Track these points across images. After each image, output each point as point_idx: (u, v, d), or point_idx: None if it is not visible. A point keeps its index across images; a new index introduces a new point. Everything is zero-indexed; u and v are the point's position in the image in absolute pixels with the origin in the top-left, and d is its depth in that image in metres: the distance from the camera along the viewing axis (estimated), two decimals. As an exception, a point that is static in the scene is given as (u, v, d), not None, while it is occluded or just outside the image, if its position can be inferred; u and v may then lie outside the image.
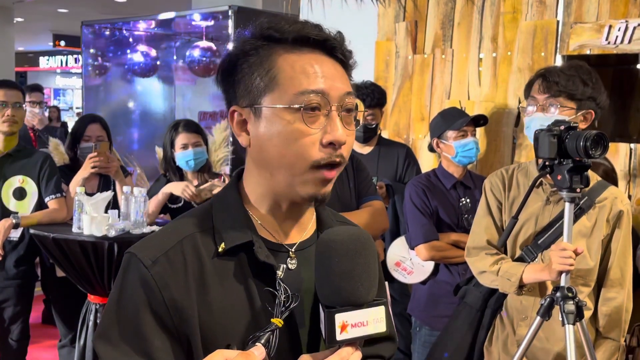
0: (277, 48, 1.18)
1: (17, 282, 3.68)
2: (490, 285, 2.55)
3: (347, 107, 1.17)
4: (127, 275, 1.16)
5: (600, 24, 3.46)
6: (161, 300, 1.12)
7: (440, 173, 3.40)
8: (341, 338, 1.02)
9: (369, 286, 1.05)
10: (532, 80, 2.54)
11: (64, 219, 3.73)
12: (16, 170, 3.69)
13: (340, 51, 1.22)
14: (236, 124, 1.22)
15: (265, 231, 1.22)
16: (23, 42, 20.54)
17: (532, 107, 2.49)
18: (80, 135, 4.02)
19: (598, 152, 2.14)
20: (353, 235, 1.07)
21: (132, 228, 3.51)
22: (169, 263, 1.14)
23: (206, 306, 1.14)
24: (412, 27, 4.23)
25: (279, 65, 1.16)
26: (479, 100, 3.97)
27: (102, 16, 9.35)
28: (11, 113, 3.59)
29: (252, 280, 1.17)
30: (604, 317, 2.47)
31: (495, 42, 3.89)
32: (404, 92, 4.29)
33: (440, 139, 3.34)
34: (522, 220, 2.48)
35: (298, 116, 1.13)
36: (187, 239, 1.18)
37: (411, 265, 3.40)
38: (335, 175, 1.17)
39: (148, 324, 1.12)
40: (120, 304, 1.15)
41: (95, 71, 7.71)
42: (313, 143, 1.14)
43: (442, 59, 4.11)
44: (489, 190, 2.61)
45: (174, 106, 7.95)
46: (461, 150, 3.27)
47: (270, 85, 1.16)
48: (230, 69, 1.21)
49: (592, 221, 2.45)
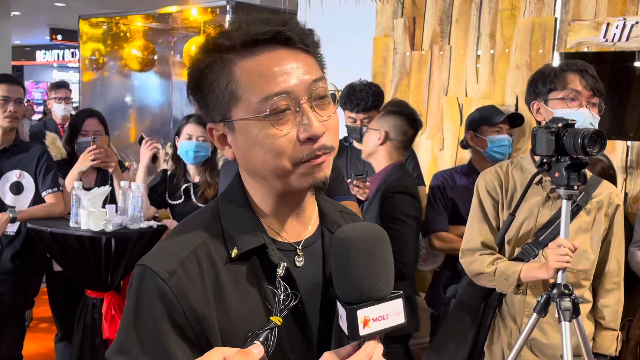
0: (231, 57, 1.14)
1: (13, 277, 3.68)
2: (487, 286, 2.55)
3: (318, 95, 1.13)
4: (142, 288, 1.13)
5: (598, 22, 3.46)
6: (181, 312, 1.10)
7: (468, 167, 3.48)
8: (364, 333, 1.03)
9: (387, 280, 1.06)
10: (561, 70, 2.48)
11: (61, 214, 3.73)
12: (13, 165, 3.68)
13: (298, 40, 1.15)
14: (217, 140, 1.21)
15: (273, 231, 1.21)
16: (20, 35, 20.46)
17: (576, 101, 2.43)
18: (77, 130, 4.01)
19: (596, 149, 2.14)
20: (369, 231, 1.07)
21: (130, 223, 3.51)
22: (185, 274, 1.12)
23: (224, 313, 1.13)
24: (410, 23, 4.23)
25: (237, 77, 1.13)
26: (476, 97, 3.97)
27: (100, 10, 9.32)
28: (13, 109, 3.58)
29: (267, 284, 1.16)
30: (605, 308, 2.51)
31: (493, 39, 3.90)
32: (402, 88, 4.29)
33: (476, 132, 3.39)
34: (522, 217, 2.48)
35: (267, 122, 1.10)
36: (201, 246, 1.16)
37: (425, 253, 3.48)
38: (325, 160, 1.13)
39: (169, 336, 1.10)
40: (138, 318, 1.12)
41: (92, 65, 7.70)
42: (290, 142, 1.11)
43: (440, 55, 4.11)
44: (483, 189, 2.59)
45: (170, 101, 7.94)
46: (495, 145, 3.33)
47: (233, 99, 1.13)
48: (195, 89, 1.19)
49: (592, 216, 2.47)
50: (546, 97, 2.48)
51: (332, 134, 1.15)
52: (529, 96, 2.57)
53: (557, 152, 2.21)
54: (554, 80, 2.46)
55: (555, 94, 2.46)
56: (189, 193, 3.81)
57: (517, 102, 3.78)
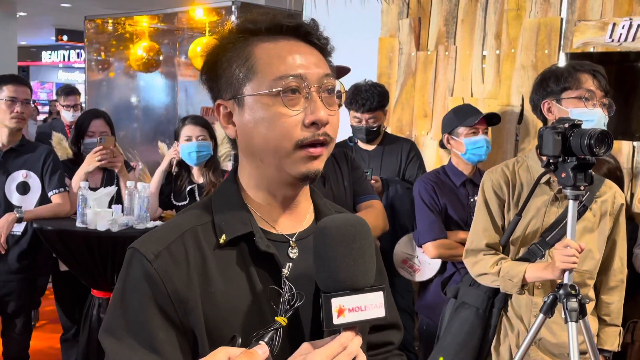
0: (253, 39, 1.21)
1: (19, 277, 3.69)
2: (491, 286, 2.55)
3: (326, 88, 1.19)
4: (130, 270, 1.17)
5: (604, 22, 3.46)
6: (165, 293, 1.14)
7: (450, 170, 3.38)
8: (338, 322, 1.03)
9: (364, 271, 1.06)
10: (574, 70, 2.49)
11: (67, 214, 3.74)
12: (20, 165, 3.69)
13: (315, 36, 1.23)
14: (222, 117, 1.25)
15: (265, 223, 1.24)
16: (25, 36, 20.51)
17: (590, 101, 2.45)
18: (84, 131, 4.03)
19: (602, 149, 2.14)
20: (348, 221, 1.09)
21: (136, 223, 3.52)
22: (171, 256, 1.16)
23: (209, 297, 1.16)
24: (416, 23, 4.23)
25: (256, 54, 1.19)
26: (482, 97, 3.97)
27: (105, 11, 9.34)
28: (20, 110, 3.60)
29: (254, 269, 1.19)
30: (609, 305, 2.53)
31: (498, 39, 3.89)
32: (407, 88, 4.29)
33: (451, 134, 3.32)
34: (529, 217, 2.48)
35: (278, 100, 1.16)
36: (188, 232, 1.19)
37: (418, 263, 3.40)
38: (321, 153, 1.18)
39: (153, 317, 1.13)
40: (125, 298, 1.16)
41: (97, 66, 7.72)
42: (296, 124, 1.16)
43: (446, 55, 4.11)
44: (490, 188, 2.58)
45: (176, 101, 7.95)
46: (471, 147, 3.25)
47: (249, 75, 1.19)
48: (212, 65, 1.25)
49: (598, 216, 2.49)
50: (559, 96, 2.48)
51: (333, 127, 1.20)
52: (537, 95, 2.56)
53: (564, 152, 2.21)
54: (568, 79, 2.46)
55: (569, 93, 2.47)
56: (194, 194, 3.81)
57: (523, 102, 3.77)
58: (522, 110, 3.79)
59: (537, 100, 2.56)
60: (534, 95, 2.59)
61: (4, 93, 3.60)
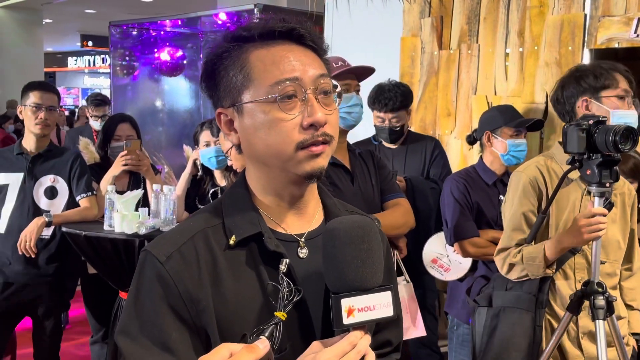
0: (247, 46, 1.23)
1: (49, 280, 3.74)
2: (520, 277, 2.49)
3: (323, 89, 1.21)
4: (143, 271, 1.21)
5: (629, 17, 3.42)
6: (177, 293, 1.17)
7: (481, 169, 3.35)
8: (348, 322, 1.05)
9: (373, 272, 1.08)
10: (610, 69, 2.49)
11: (95, 217, 3.78)
12: (47, 170, 3.74)
13: (309, 38, 1.25)
14: (224, 124, 1.28)
15: (274, 223, 1.27)
16: (51, 42, 20.80)
17: (625, 100, 2.47)
18: (110, 135, 4.08)
19: (627, 146, 2.13)
20: (356, 222, 1.10)
21: (163, 225, 3.55)
22: (182, 258, 1.19)
23: (221, 297, 1.19)
24: (438, 22, 4.22)
25: (251, 62, 1.21)
26: (505, 95, 3.95)
27: (129, 16, 9.44)
28: (44, 116, 3.64)
29: (264, 268, 1.22)
30: (630, 290, 2.58)
31: (521, 36, 3.87)
32: (430, 88, 4.29)
33: (494, 133, 3.27)
34: (564, 212, 2.46)
35: (276, 105, 1.18)
36: (199, 234, 1.23)
37: (448, 262, 3.37)
38: (323, 150, 1.20)
39: (165, 318, 1.17)
40: (139, 300, 1.20)
41: (122, 71, 7.80)
42: (294, 127, 1.18)
43: (468, 54, 4.09)
44: (527, 184, 2.50)
45: (200, 104, 8.01)
46: (514, 149, 3.20)
47: (245, 82, 1.21)
48: (210, 74, 1.28)
49: (620, 208, 2.52)
50: (598, 94, 2.47)
51: (332, 126, 1.22)
52: (571, 91, 2.52)
53: (589, 149, 2.20)
54: (608, 78, 2.46)
55: (609, 92, 2.46)
56: (217, 197, 3.83)
57: (547, 99, 3.74)
58: (546, 107, 3.76)
59: (574, 96, 2.51)
60: (567, 92, 2.54)
61: (30, 99, 3.65)
